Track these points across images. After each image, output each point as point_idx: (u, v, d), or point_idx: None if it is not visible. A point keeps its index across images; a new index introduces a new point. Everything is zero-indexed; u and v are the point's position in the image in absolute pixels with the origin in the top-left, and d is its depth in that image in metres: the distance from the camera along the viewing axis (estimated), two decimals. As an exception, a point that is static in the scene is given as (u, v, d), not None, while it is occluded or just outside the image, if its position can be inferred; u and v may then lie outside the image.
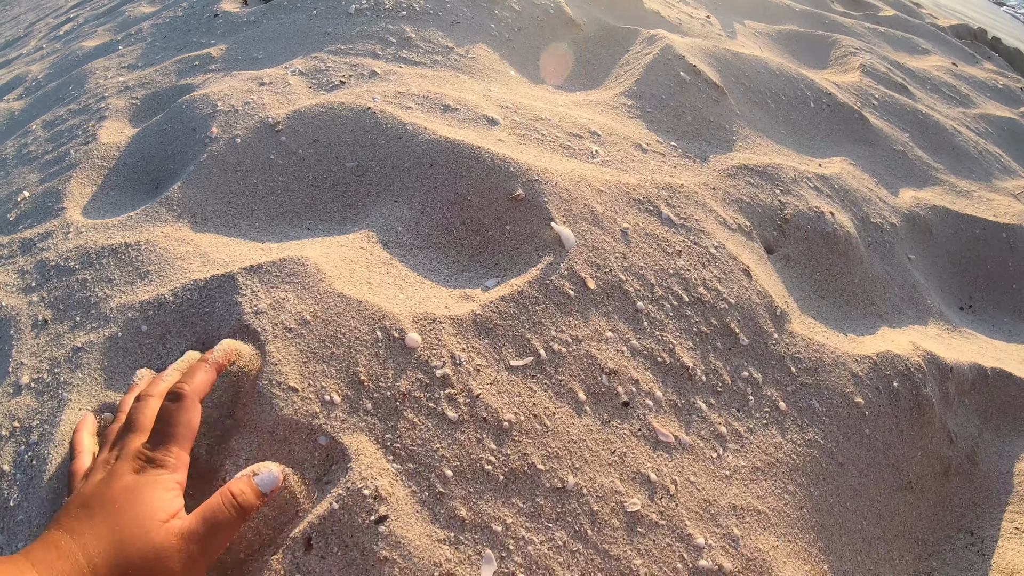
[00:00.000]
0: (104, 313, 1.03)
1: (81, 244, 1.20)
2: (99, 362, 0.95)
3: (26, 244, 1.30)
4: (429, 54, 1.69)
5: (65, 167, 1.56)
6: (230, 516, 0.66)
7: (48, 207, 1.41)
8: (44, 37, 4.56)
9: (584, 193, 1.13)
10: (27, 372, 0.97)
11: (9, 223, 1.44)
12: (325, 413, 0.80)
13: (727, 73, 1.80)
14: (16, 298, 1.14)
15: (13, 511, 0.81)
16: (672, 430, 0.87)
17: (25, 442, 0.87)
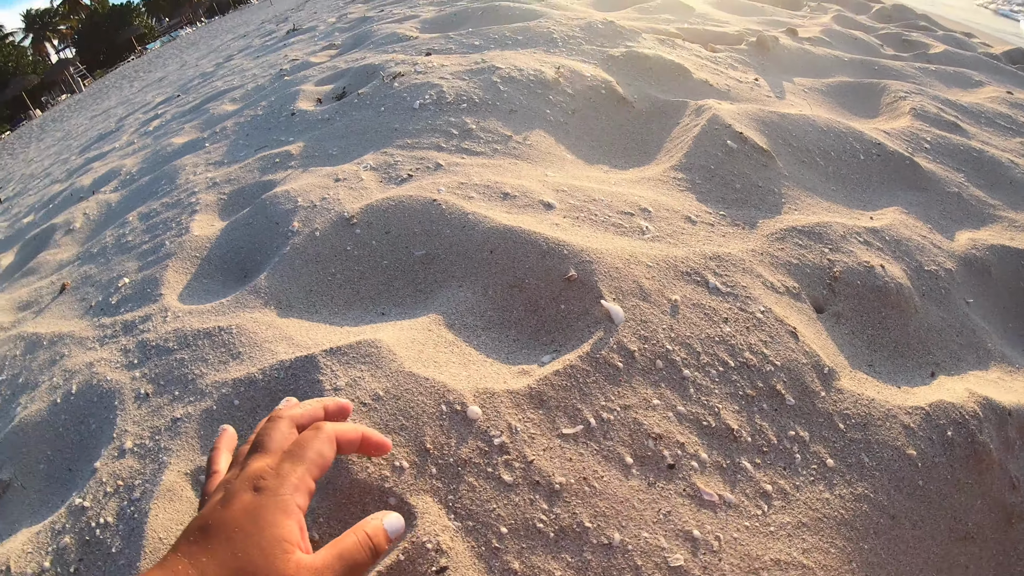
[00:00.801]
0: (200, 388, 1.18)
1: (178, 327, 1.36)
2: (196, 431, 1.10)
3: (127, 326, 1.47)
4: (489, 143, 1.82)
5: (161, 256, 1.74)
6: (365, 557, 0.66)
7: (147, 292, 1.58)
8: (135, 132, 4.94)
9: (633, 270, 1.22)
10: (130, 438, 1.13)
11: (111, 306, 1.62)
12: (395, 477, 0.91)
13: (774, 136, 1.87)
14: (120, 373, 1.31)
15: (115, 556, 0.95)
16: (716, 489, 0.93)
17: (128, 498, 1.02)
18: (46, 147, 10.64)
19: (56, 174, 5.66)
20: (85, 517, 1.02)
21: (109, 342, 1.46)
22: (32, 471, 1.24)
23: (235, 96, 3.73)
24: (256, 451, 0.70)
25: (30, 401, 1.38)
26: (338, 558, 0.63)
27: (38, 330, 1.68)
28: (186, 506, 0.98)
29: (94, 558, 0.96)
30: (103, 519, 1.01)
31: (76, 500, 1.06)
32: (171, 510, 0.97)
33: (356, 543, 0.66)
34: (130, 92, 11.83)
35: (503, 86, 2.10)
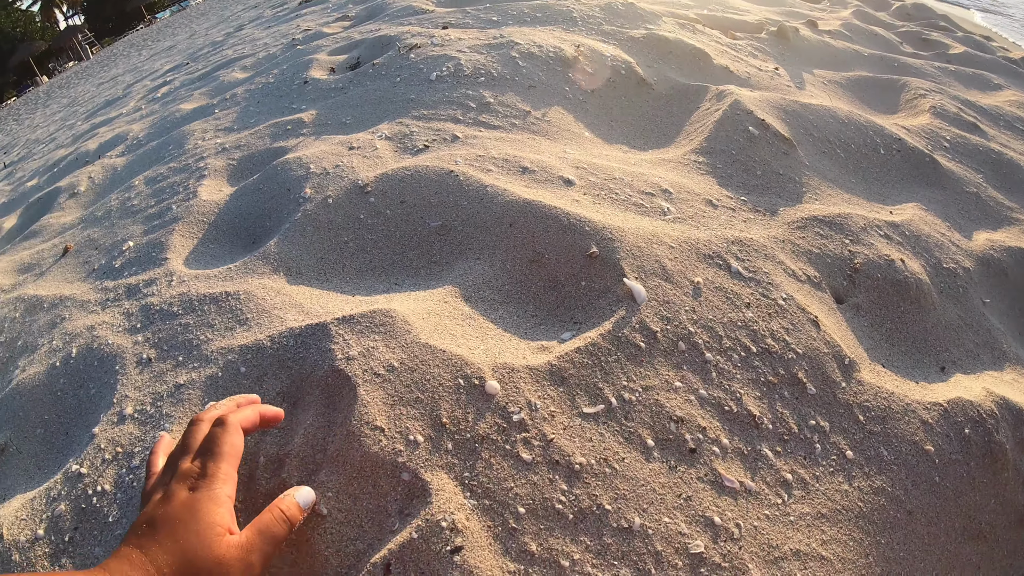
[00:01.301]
0: (205, 355, 1.15)
1: (184, 291, 1.33)
2: (200, 398, 1.06)
3: (131, 289, 1.44)
4: (507, 118, 1.79)
5: (168, 220, 1.70)
6: (281, 528, 0.76)
7: (152, 256, 1.55)
8: (143, 99, 4.88)
9: (656, 250, 1.20)
10: (131, 404, 1.10)
11: (115, 269, 1.59)
12: (409, 451, 0.89)
13: (796, 125, 1.84)
14: (122, 337, 1.27)
15: (112, 526, 0.93)
16: (737, 476, 0.92)
17: (127, 466, 0.99)
18: (52, 113, 10.54)
19: (61, 139, 5.61)
20: (82, 484, 0.99)
21: (111, 305, 1.43)
22: (29, 435, 1.21)
23: (246, 64, 3.68)
24: (184, 453, 0.81)
25: (29, 364, 1.34)
26: (258, 533, 0.74)
27: (39, 292, 1.65)
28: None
29: (90, 527, 0.94)
30: (100, 487, 0.98)
31: (73, 466, 1.03)
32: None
33: (272, 518, 0.76)
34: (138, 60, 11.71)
35: (522, 62, 2.06)
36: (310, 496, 0.82)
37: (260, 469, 0.92)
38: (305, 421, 0.96)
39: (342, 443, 0.90)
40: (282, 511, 0.77)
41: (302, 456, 0.91)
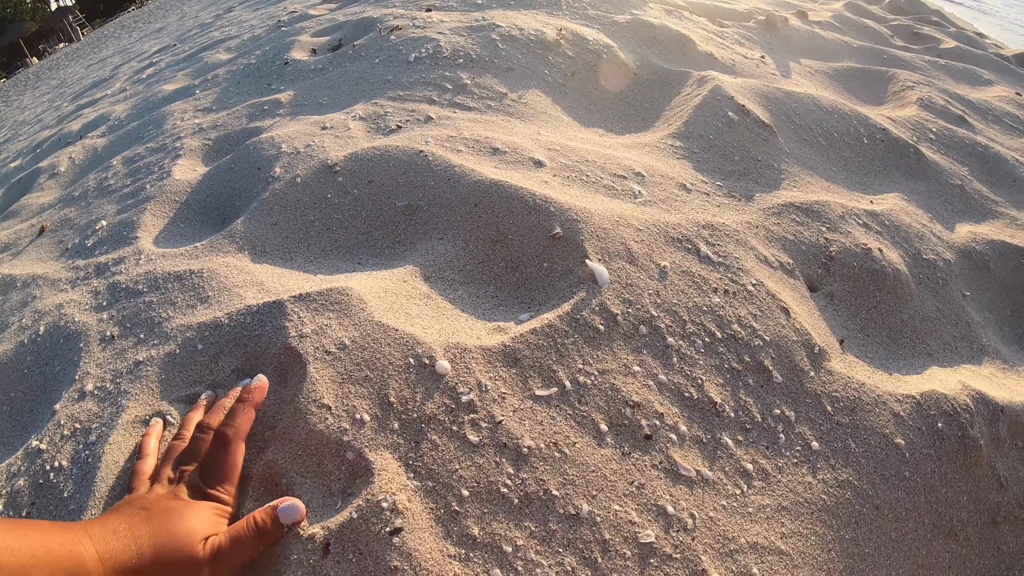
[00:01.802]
0: (165, 332, 1.11)
1: (150, 270, 1.30)
2: (157, 375, 1.03)
3: (100, 268, 1.40)
4: (483, 100, 1.75)
5: (141, 200, 1.67)
6: (251, 538, 0.75)
7: (123, 235, 1.51)
8: (128, 80, 4.83)
9: (622, 232, 1.16)
10: (92, 380, 1.07)
11: (86, 248, 1.55)
12: (354, 430, 0.85)
13: (777, 112, 1.80)
14: (88, 315, 1.24)
15: (66, 501, 0.89)
16: (694, 464, 0.88)
17: (84, 442, 0.96)
18: (40, 95, 10.44)
19: (47, 120, 5.54)
20: (40, 460, 0.97)
21: (81, 284, 1.39)
22: (-5, 412, 1.18)
23: (231, 46, 3.64)
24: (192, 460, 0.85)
25: None
26: (228, 539, 0.75)
27: (13, 272, 1.61)
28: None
29: (46, 502, 0.91)
30: (58, 462, 0.95)
31: (33, 442, 1.00)
32: (124, 455, 0.92)
33: (244, 527, 0.76)
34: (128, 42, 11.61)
35: (502, 44, 2.02)
36: (295, 513, 0.79)
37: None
38: (257, 400, 0.93)
39: (289, 420, 0.87)
40: (255, 522, 0.77)
41: (252, 433, 0.89)
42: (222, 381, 1.01)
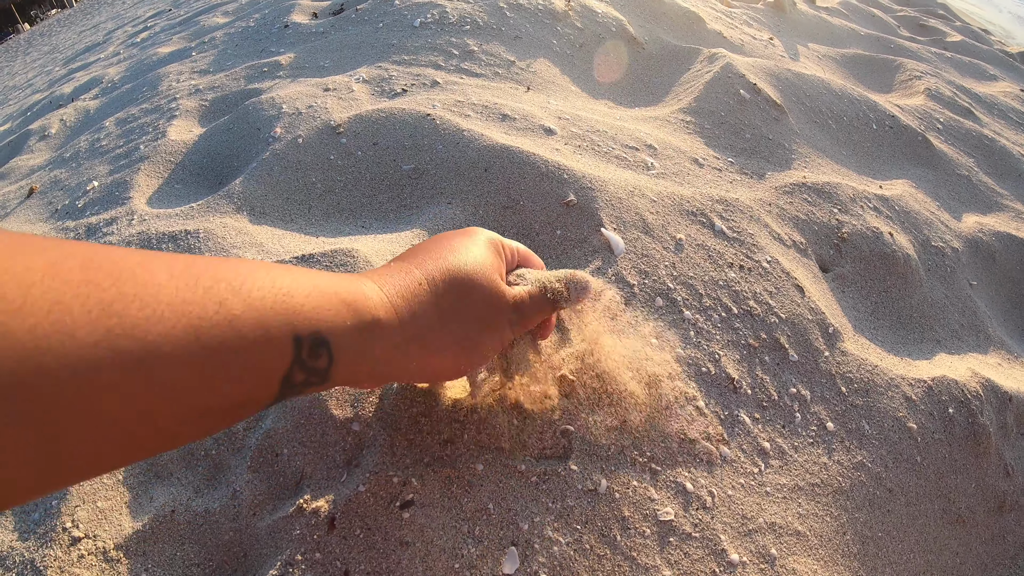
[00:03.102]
0: (161, 298, 1.07)
1: (143, 230, 1.25)
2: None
3: (91, 228, 1.35)
4: (490, 67, 1.71)
5: (134, 160, 1.62)
6: (545, 301, 0.69)
7: (115, 196, 1.47)
8: (122, 44, 4.73)
9: (636, 202, 1.13)
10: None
11: (77, 209, 1.50)
12: (362, 399, 0.82)
13: (788, 93, 1.78)
14: None
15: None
16: (713, 441, 0.85)
17: None
18: (32, 60, 10.21)
19: (38, 84, 5.42)
20: None
21: (68, 243, 1.35)
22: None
23: (228, 9, 3.56)
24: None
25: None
26: (529, 294, 0.68)
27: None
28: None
29: None
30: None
31: None
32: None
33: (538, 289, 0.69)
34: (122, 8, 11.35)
35: (509, 12, 1.98)
36: (586, 286, 0.72)
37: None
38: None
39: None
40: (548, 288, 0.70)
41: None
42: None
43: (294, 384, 0.46)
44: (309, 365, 0.47)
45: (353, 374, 0.53)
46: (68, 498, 0.79)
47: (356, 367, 0.52)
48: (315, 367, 0.48)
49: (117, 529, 0.77)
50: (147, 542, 0.76)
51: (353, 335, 0.51)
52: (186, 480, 0.82)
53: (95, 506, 0.79)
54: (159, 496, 0.80)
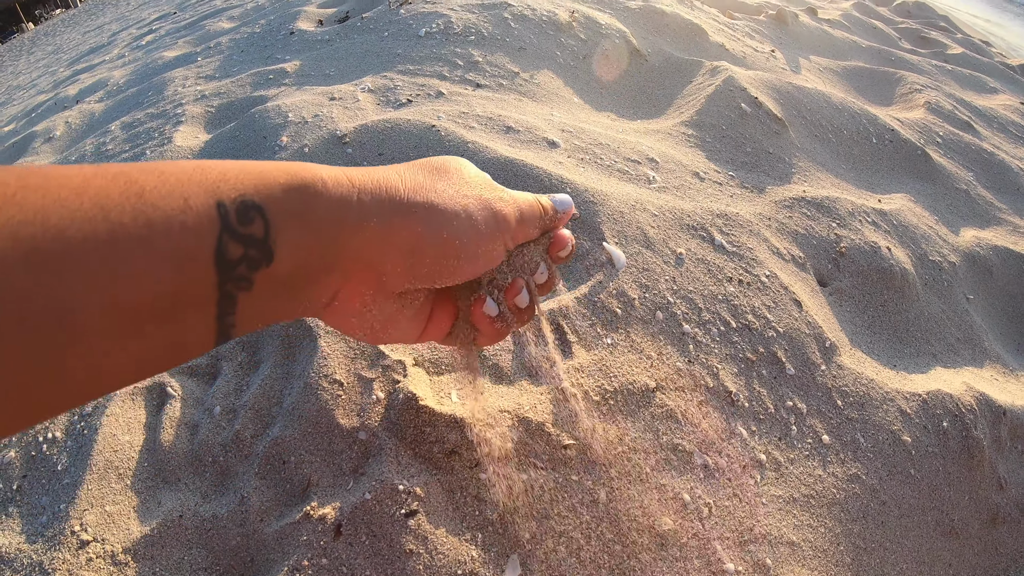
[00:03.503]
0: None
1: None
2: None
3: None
4: (495, 78, 1.73)
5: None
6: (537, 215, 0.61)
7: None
8: (127, 46, 4.75)
9: (638, 216, 1.15)
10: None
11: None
12: (369, 409, 0.83)
13: (789, 106, 1.80)
14: None
15: (60, 475, 0.86)
16: (710, 453, 0.87)
17: (79, 412, 0.93)
18: (36, 60, 10.24)
19: (42, 85, 5.44)
20: (33, 431, 0.94)
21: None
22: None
23: (233, 15, 3.58)
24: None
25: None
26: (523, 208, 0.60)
27: None
28: (139, 426, 0.90)
29: (38, 475, 0.88)
30: (51, 434, 0.92)
31: None
32: (123, 429, 0.89)
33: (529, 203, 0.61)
34: (127, 9, 11.40)
35: (514, 23, 2.00)
36: (568, 204, 0.66)
37: (215, 419, 0.87)
38: (263, 372, 0.91)
39: (299, 396, 0.85)
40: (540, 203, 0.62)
41: (257, 408, 0.86)
42: (225, 353, 0.98)
43: (232, 261, 0.40)
44: (242, 232, 0.41)
45: (302, 251, 0.45)
46: (76, 502, 0.81)
47: (302, 238, 0.45)
48: (250, 234, 0.41)
49: (125, 533, 0.78)
50: (155, 546, 0.77)
51: (291, 195, 0.44)
52: (194, 485, 0.84)
53: (103, 510, 0.80)
54: (167, 501, 0.82)
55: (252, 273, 0.42)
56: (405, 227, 0.50)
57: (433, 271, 0.52)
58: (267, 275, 0.43)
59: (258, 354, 0.96)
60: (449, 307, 0.63)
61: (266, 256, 0.42)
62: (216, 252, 0.39)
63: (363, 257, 0.49)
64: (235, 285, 0.41)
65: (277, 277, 0.44)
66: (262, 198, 0.42)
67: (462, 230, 0.53)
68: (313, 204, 0.45)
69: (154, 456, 0.86)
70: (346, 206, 0.47)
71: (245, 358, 0.96)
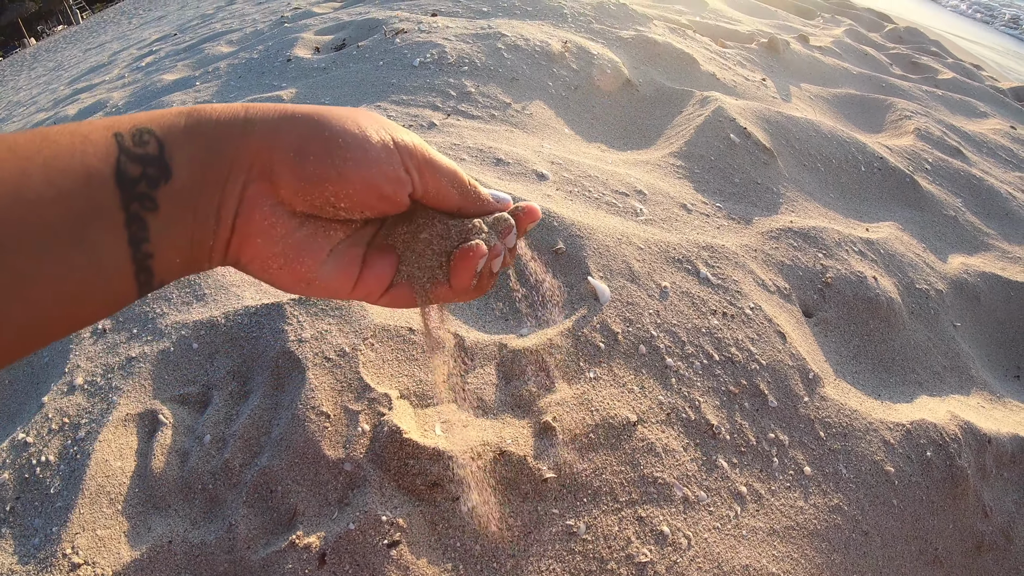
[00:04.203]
0: (160, 328, 1.10)
1: (144, 261, 1.28)
2: (150, 372, 1.02)
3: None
4: (487, 108, 1.76)
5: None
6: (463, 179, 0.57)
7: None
8: (127, 67, 4.80)
9: (624, 250, 1.17)
10: (82, 374, 1.05)
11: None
12: (354, 441, 0.85)
13: (778, 135, 1.82)
14: None
15: (53, 498, 0.88)
16: (691, 486, 0.89)
17: (72, 437, 0.95)
18: (36, 76, 10.33)
19: (42, 103, 5.49)
20: (27, 453, 0.95)
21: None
22: (-24, 401, 1.16)
23: (232, 39, 3.63)
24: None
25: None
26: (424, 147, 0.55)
27: None
28: (131, 452, 0.91)
29: (31, 497, 0.89)
30: (45, 457, 0.93)
31: (20, 435, 0.99)
32: (115, 455, 0.90)
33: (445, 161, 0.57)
34: (128, 28, 11.50)
35: (507, 54, 2.03)
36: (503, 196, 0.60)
37: (205, 447, 0.89)
38: (252, 402, 0.93)
39: (287, 427, 0.86)
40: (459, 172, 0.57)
41: (246, 437, 0.88)
42: (216, 382, 1.00)
43: (133, 179, 0.43)
44: (137, 152, 0.43)
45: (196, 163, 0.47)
46: (68, 525, 0.82)
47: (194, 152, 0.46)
48: (146, 153, 0.44)
49: (116, 557, 0.80)
50: (144, 571, 0.78)
51: (181, 119, 0.47)
52: (183, 512, 0.85)
53: (95, 534, 0.82)
54: (157, 527, 0.83)
55: (153, 190, 0.44)
56: (292, 130, 0.50)
57: (320, 172, 0.51)
58: (169, 192, 0.45)
59: (248, 384, 0.98)
60: (388, 257, 0.59)
61: (164, 172, 0.44)
62: (116, 171, 0.42)
63: (255, 164, 0.50)
64: (140, 205, 0.43)
65: (179, 193, 0.45)
66: (155, 125, 0.45)
67: (349, 133, 0.52)
68: (203, 122, 0.47)
69: (145, 482, 0.87)
70: (234, 120, 0.49)
71: (235, 388, 0.97)
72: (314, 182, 0.51)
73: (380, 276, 0.59)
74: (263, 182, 0.51)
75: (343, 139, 0.52)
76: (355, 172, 0.52)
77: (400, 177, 0.54)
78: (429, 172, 0.55)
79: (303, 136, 0.50)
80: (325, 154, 0.51)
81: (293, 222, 0.53)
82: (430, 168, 0.55)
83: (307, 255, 0.54)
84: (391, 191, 0.54)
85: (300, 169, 0.50)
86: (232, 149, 0.48)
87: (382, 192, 0.53)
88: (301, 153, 0.50)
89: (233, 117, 0.49)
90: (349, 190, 0.52)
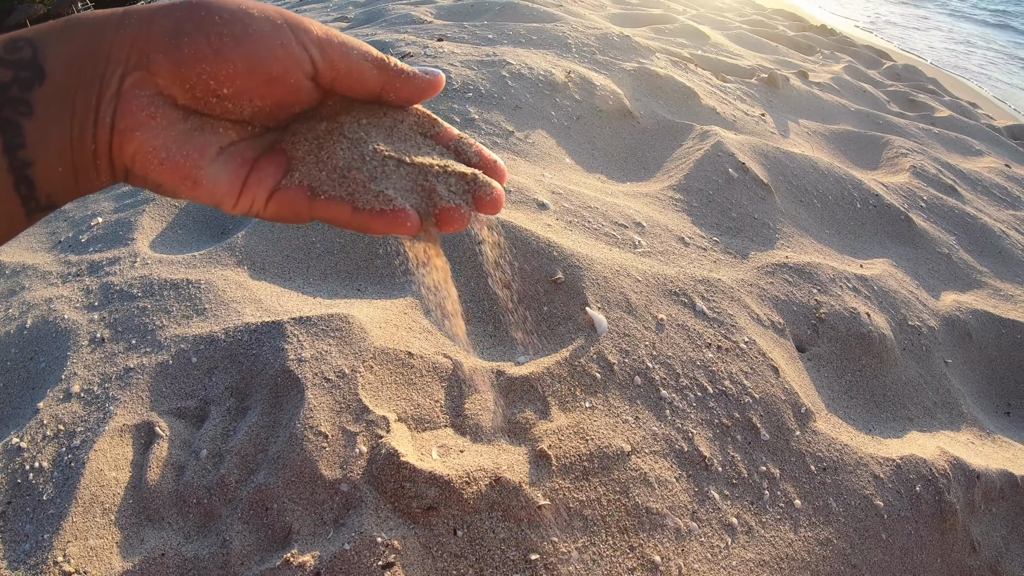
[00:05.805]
0: (159, 340, 1.11)
1: (146, 274, 1.30)
2: (147, 384, 1.03)
3: (94, 266, 1.40)
4: (490, 136, 1.78)
5: (139, 201, 1.67)
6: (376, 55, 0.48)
7: (119, 235, 1.51)
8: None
9: (622, 282, 1.19)
10: (79, 382, 1.06)
11: (80, 244, 1.55)
12: (351, 462, 0.86)
13: (775, 171, 1.85)
14: (78, 314, 1.24)
15: (46, 505, 0.89)
16: (683, 517, 0.90)
17: (67, 445, 0.95)
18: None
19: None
20: (20, 458, 0.96)
21: (72, 280, 1.39)
22: (-27, 403, 1.17)
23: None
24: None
25: (-20, 331, 1.31)
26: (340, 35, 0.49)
27: (1, 258, 1.61)
28: (126, 463, 0.92)
29: (23, 503, 0.90)
30: (38, 463, 0.94)
31: (13, 439, 0.99)
32: (110, 465, 0.91)
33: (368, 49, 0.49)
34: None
35: (511, 81, 2.06)
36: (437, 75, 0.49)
37: (201, 462, 0.90)
38: (250, 419, 0.94)
39: (284, 445, 0.88)
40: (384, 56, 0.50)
41: (243, 454, 0.89)
42: (215, 397, 1.01)
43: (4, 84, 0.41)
44: (9, 59, 0.42)
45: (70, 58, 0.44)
46: (60, 533, 0.83)
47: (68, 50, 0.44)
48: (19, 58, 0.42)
49: (107, 567, 0.81)
50: (138, 585, 0.80)
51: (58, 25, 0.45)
52: (177, 526, 0.86)
53: (86, 543, 0.83)
54: (150, 539, 0.84)
55: (27, 93, 0.42)
56: (168, 15, 0.47)
57: (195, 51, 0.46)
58: (44, 95, 0.43)
59: (246, 401, 0.99)
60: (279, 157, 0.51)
61: (38, 75, 0.43)
62: None
63: (131, 54, 0.46)
64: (14, 110, 0.41)
65: (54, 94, 0.44)
66: (31, 34, 0.43)
67: (227, 10, 0.47)
68: (80, 22, 0.45)
69: (139, 494, 0.88)
70: (111, 16, 0.46)
71: (233, 404, 0.98)
72: (189, 63, 0.47)
73: (263, 179, 0.50)
74: (140, 71, 0.47)
75: (220, 16, 0.47)
76: (234, 49, 0.47)
77: (292, 55, 0.48)
78: (333, 48, 0.48)
79: (178, 18, 0.46)
80: (199, 32, 0.46)
81: (176, 113, 0.48)
82: (334, 44, 0.48)
83: (191, 148, 0.48)
84: (280, 70, 0.47)
85: (175, 52, 0.46)
86: (107, 43, 0.46)
87: (270, 73, 0.47)
88: (175, 34, 0.46)
89: (111, 15, 0.46)
90: (229, 70, 0.47)
